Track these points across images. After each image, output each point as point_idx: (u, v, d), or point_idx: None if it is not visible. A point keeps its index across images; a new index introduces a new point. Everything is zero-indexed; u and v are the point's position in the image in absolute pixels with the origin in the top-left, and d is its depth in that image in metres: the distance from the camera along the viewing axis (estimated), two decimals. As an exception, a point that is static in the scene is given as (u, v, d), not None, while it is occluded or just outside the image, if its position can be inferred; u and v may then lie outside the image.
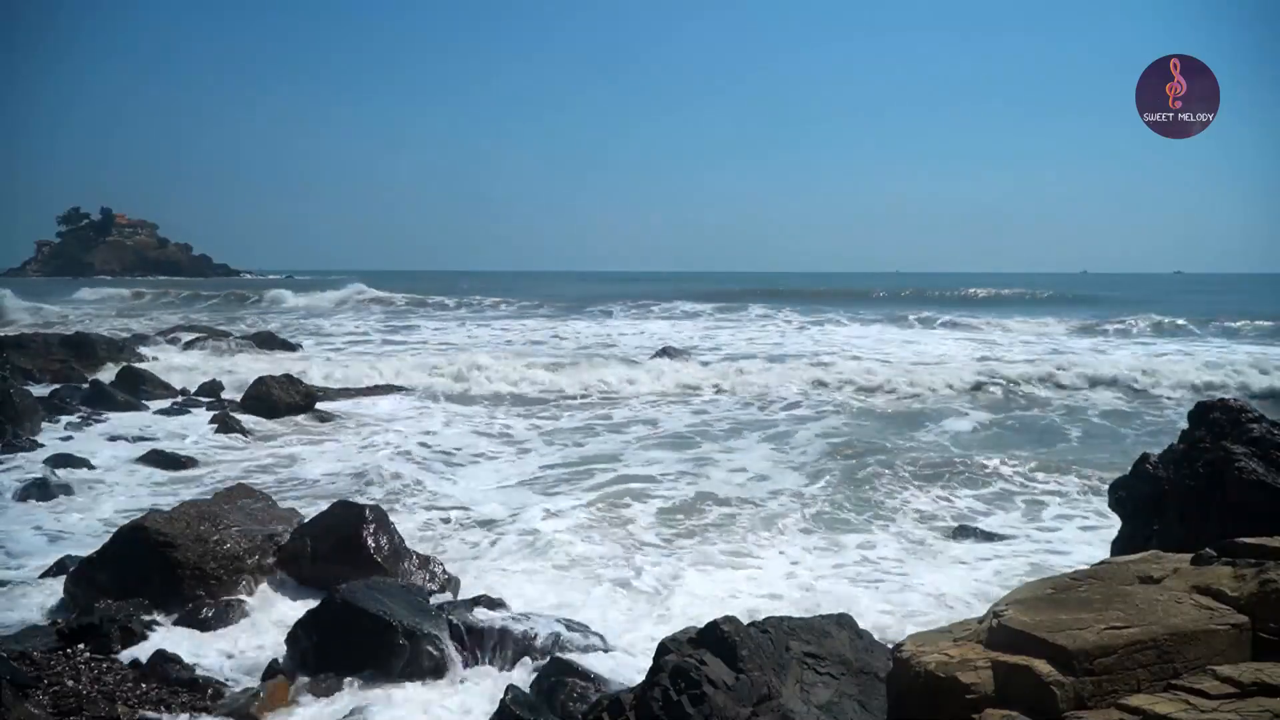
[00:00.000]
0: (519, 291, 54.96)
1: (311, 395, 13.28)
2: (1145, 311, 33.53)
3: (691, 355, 20.34)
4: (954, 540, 7.21)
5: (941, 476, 9.30)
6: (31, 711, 3.85)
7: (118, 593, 5.29)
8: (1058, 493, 8.58)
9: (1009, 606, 2.75)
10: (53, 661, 4.57)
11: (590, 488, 8.82)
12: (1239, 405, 5.33)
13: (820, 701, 3.60)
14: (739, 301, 42.09)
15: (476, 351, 19.64)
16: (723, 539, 7.15)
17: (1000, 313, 36.73)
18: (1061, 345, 24.41)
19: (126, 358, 17.44)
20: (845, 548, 6.97)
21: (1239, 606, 2.61)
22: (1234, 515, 4.54)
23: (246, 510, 6.19)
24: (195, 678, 4.45)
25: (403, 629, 4.67)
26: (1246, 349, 22.09)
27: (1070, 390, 14.72)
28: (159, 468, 9.34)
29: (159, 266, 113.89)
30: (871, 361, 20.21)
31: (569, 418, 13.08)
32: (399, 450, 10.48)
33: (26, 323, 28.87)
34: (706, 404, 14.18)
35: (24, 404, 11.01)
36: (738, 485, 8.92)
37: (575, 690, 4.21)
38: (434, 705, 4.35)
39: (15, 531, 6.98)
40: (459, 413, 13.43)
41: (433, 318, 35.69)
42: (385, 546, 5.88)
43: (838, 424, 12.36)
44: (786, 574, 6.26)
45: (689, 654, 3.54)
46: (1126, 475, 5.57)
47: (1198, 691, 2.29)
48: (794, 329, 29.85)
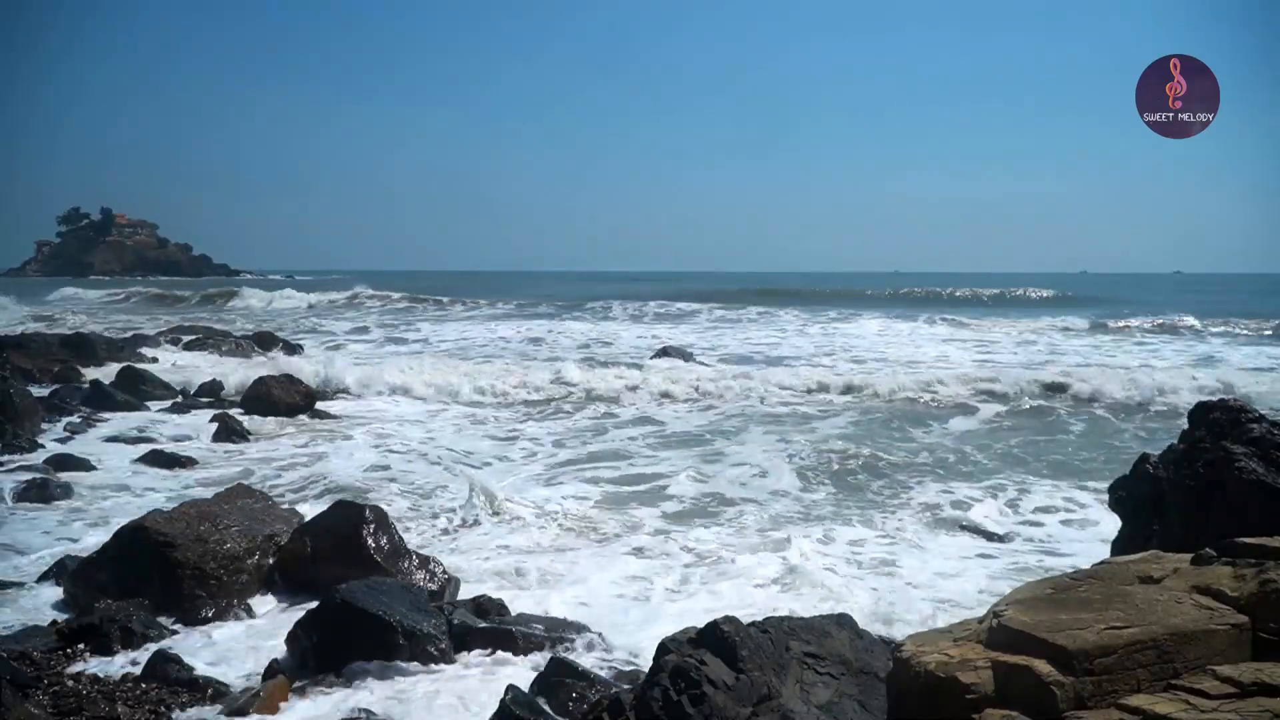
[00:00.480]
0: (518, 291, 54.97)
1: (312, 395, 13.28)
2: (1145, 311, 33.56)
3: (691, 356, 20.33)
4: (954, 540, 7.21)
5: (941, 476, 9.31)
6: (31, 711, 3.85)
7: (118, 593, 5.29)
8: (1058, 493, 8.58)
9: (1009, 606, 2.75)
10: (53, 661, 4.58)
11: (591, 488, 8.81)
12: (1239, 405, 5.33)
13: (820, 701, 3.60)
14: (738, 301, 42.09)
15: (475, 353, 19.64)
16: (724, 538, 7.14)
17: (1000, 313, 36.77)
18: (1061, 345, 24.43)
19: (126, 358, 17.45)
20: (846, 547, 6.97)
21: (1239, 606, 2.61)
22: (1234, 515, 4.54)
23: (246, 510, 6.19)
24: (195, 678, 4.45)
25: (402, 629, 4.67)
26: (1246, 349, 22.11)
27: (1069, 390, 14.72)
28: (159, 468, 9.33)
29: (159, 266, 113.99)
30: (871, 361, 20.24)
31: (568, 419, 13.09)
32: (399, 450, 10.48)
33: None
34: (706, 404, 14.18)
35: (24, 404, 11.00)
36: (739, 485, 8.92)
37: (575, 690, 4.21)
38: (433, 705, 4.35)
39: (15, 532, 6.98)
40: (459, 413, 13.44)
41: (430, 317, 35.70)
42: (385, 546, 5.88)
43: (837, 424, 12.37)
44: (787, 573, 6.26)
45: (689, 654, 3.54)
46: (1126, 475, 5.57)
47: (1198, 691, 2.29)
48: (794, 330, 29.84)
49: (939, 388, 14.94)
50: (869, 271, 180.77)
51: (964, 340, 25.96)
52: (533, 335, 27.56)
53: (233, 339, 22.54)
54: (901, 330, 29.46)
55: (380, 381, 15.83)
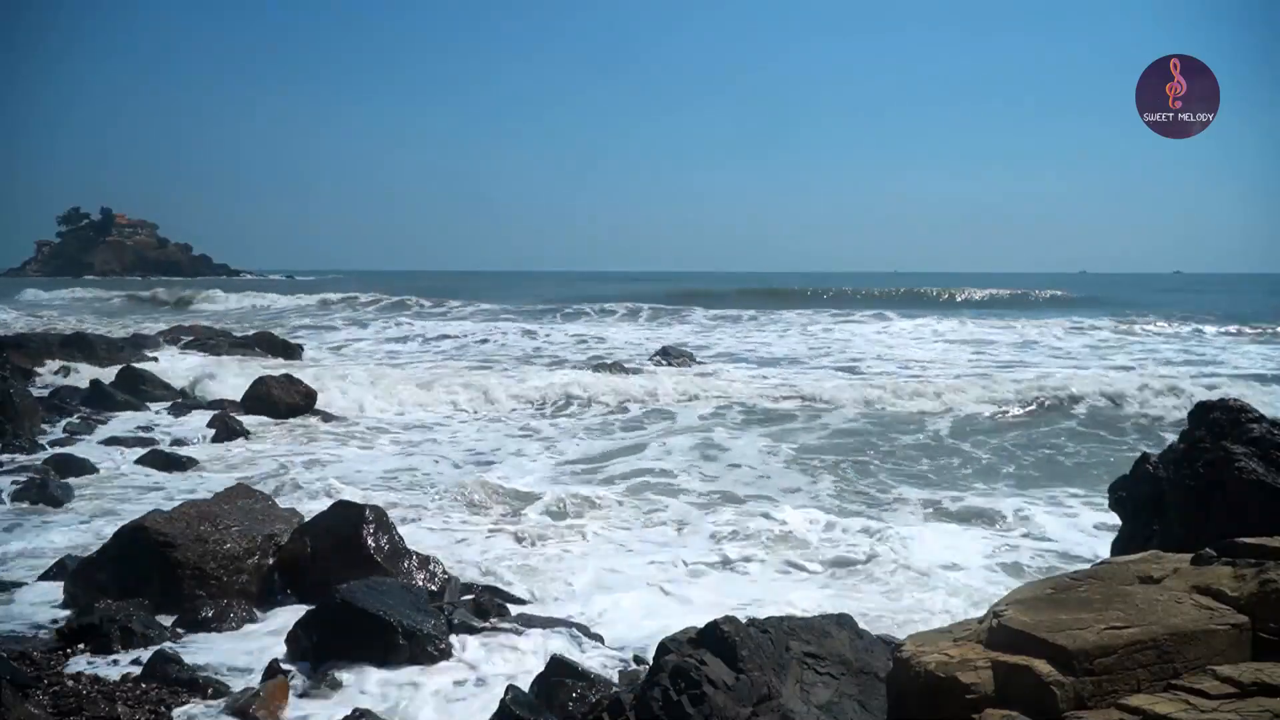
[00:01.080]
0: (518, 290, 54.93)
1: (312, 395, 13.27)
2: (1145, 311, 33.54)
3: (692, 356, 20.34)
4: (954, 539, 7.20)
5: (940, 476, 9.31)
6: (31, 711, 3.85)
7: (118, 593, 5.29)
8: (1057, 492, 8.58)
9: (1009, 606, 2.75)
10: (53, 661, 4.57)
11: (591, 490, 8.81)
12: (1239, 405, 5.33)
13: (820, 701, 3.60)
14: (737, 304, 42.07)
15: (475, 353, 19.63)
16: (724, 538, 7.15)
17: (999, 313, 36.75)
18: (1059, 345, 24.43)
19: (126, 358, 17.44)
20: (845, 547, 6.96)
21: (1239, 606, 2.61)
22: (1234, 515, 4.54)
23: (246, 510, 6.18)
24: (195, 678, 4.44)
25: (403, 629, 4.67)
26: (1246, 349, 22.11)
27: (1068, 391, 14.72)
28: (159, 468, 9.34)
29: (159, 266, 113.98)
30: (871, 360, 20.25)
31: (568, 420, 13.09)
32: (399, 449, 10.49)
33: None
34: (706, 405, 14.17)
35: (24, 404, 11.01)
36: (739, 484, 8.92)
37: (575, 690, 4.20)
38: (433, 705, 4.35)
39: (15, 532, 6.98)
40: (458, 413, 13.44)
41: (428, 317, 35.69)
42: (385, 546, 5.87)
43: (837, 423, 12.37)
44: (786, 573, 6.26)
45: (689, 654, 3.54)
46: (1126, 475, 5.57)
47: (1198, 691, 2.29)
48: (795, 331, 29.83)
49: (939, 387, 14.93)
50: (869, 271, 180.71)
51: (962, 340, 25.97)
52: (533, 335, 27.57)
53: (233, 339, 22.54)
54: (900, 330, 29.45)
55: (379, 381, 15.81)
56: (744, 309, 37.82)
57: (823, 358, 21.43)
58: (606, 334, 28.33)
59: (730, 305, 40.28)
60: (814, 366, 19.38)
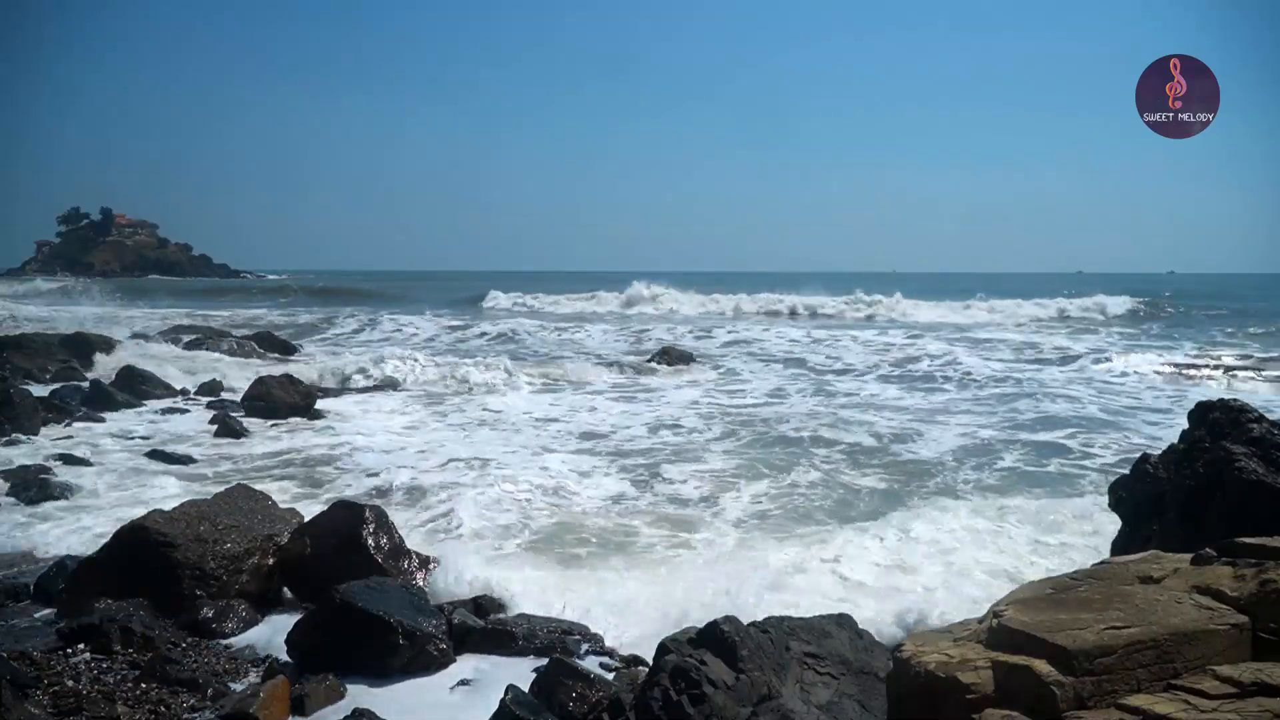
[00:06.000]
0: (518, 289, 54.75)
1: (311, 395, 13.28)
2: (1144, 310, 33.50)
3: (691, 357, 20.33)
4: (953, 539, 7.19)
5: (940, 476, 9.30)
6: (31, 711, 3.85)
7: (118, 593, 5.29)
8: (1057, 492, 8.57)
9: (1009, 606, 2.75)
10: (53, 661, 4.57)
11: (591, 490, 8.81)
12: (1239, 405, 5.33)
13: (820, 701, 3.60)
14: (733, 301, 42.07)
15: (474, 352, 19.62)
16: (724, 538, 7.14)
17: (998, 313, 36.72)
18: (1057, 345, 24.40)
19: (126, 358, 17.43)
20: (844, 547, 6.95)
21: (1239, 606, 2.60)
22: (1234, 515, 4.54)
23: (246, 510, 6.18)
24: (195, 678, 4.45)
25: (402, 629, 4.67)
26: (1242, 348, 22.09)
27: (1067, 391, 14.72)
28: (159, 467, 9.33)
29: (159, 267, 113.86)
30: (870, 358, 20.24)
31: (566, 420, 13.08)
32: (398, 449, 10.48)
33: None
34: (705, 405, 14.18)
35: (24, 404, 11.02)
36: (738, 486, 8.92)
37: (575, 690, 4.21)
38: (433, 705, 4.35)
39: (15, 532, 6.98)
40: (459, 413, 13.43)
41: (425, 316, 35.67)
42: (385, 546, 5.87)
43: (835, 423, 12.36)
44: (786, 573, 6.25)
45: (689, 654, 3.54)
46: (1126, 475, 5.57)
47: (1198, 691, 2.29)
48: (796, 329, 29.81)
49: (938, 388, 14.93)
50: (869, 271, 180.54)
51: (961, 340, 25.93)
52: (531, 335, 27.57)
53: (232, 339, 22.54)
54: (899, 329, 29.43)
55: (379, 380, 15.80)
56: (743, 310, 37.75)
57: (821, 359, 21.38)
58: (606, 334, 28.34)
59: (728, 306, 40.22)
60: (815, 365, 19.37)
